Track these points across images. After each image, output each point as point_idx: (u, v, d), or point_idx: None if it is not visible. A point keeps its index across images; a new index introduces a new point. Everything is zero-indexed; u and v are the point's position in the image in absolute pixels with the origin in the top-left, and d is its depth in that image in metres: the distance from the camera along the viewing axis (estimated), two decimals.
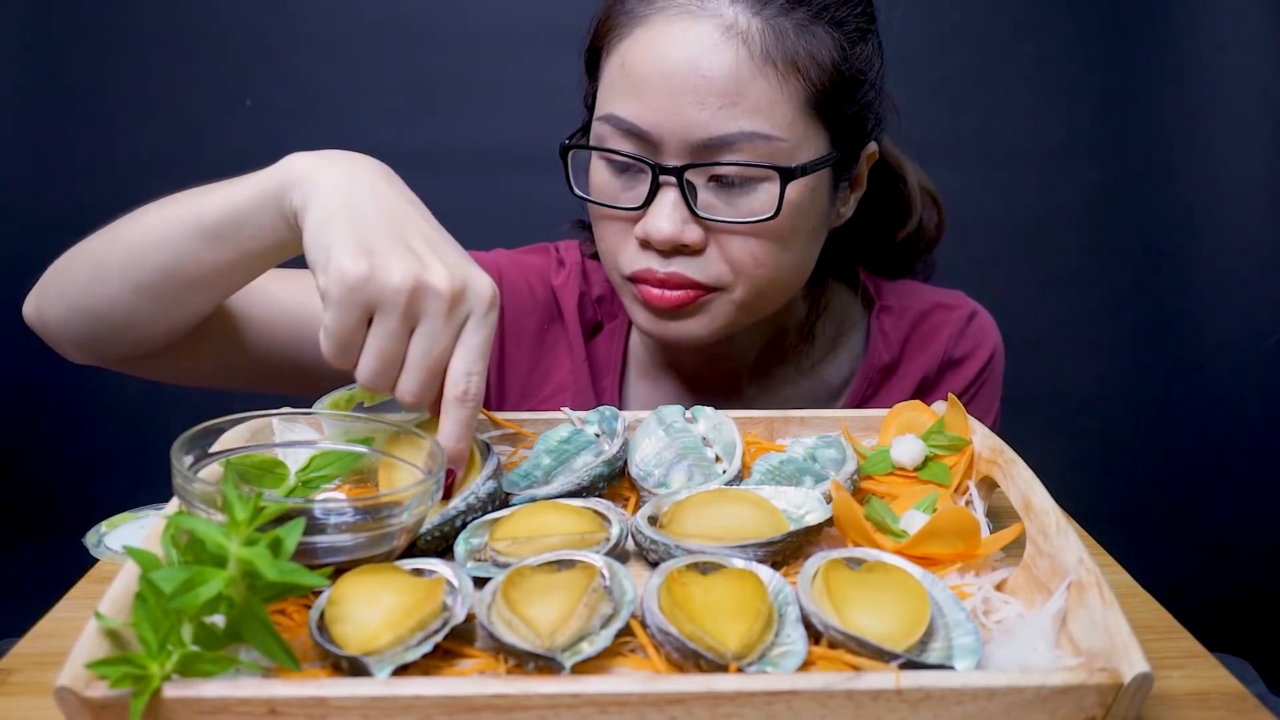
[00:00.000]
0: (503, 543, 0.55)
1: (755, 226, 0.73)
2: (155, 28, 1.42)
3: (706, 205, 0.73)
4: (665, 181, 0.73)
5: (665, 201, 0.73)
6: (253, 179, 0.63)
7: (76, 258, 0.73)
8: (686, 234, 0.73)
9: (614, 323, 0.91)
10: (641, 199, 0.74)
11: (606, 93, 0.75)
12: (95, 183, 1.45)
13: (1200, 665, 0.52)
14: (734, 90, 0.70)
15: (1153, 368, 1.55)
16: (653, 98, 0.71)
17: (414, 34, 1.44)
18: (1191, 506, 1.58)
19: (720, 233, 0.74)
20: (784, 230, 0.74)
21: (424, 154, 1.45)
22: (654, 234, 0.73)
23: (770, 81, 0.70)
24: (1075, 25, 1.47)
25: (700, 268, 0.74)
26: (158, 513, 0.65)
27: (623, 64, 0.73)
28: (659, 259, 0.75)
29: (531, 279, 0.91)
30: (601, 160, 0.76)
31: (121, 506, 0.74)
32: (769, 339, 0.90)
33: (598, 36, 0.77)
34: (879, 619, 0.47)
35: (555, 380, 0.89)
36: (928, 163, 0.95)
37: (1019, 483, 0.58)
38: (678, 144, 0.71)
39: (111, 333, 0.72)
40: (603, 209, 0.77)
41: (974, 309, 0.93)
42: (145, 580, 0.41)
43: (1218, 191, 1.51)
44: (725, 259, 0.74)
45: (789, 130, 0.71)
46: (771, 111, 0.71)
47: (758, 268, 0.75)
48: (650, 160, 0.72)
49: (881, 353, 0.90)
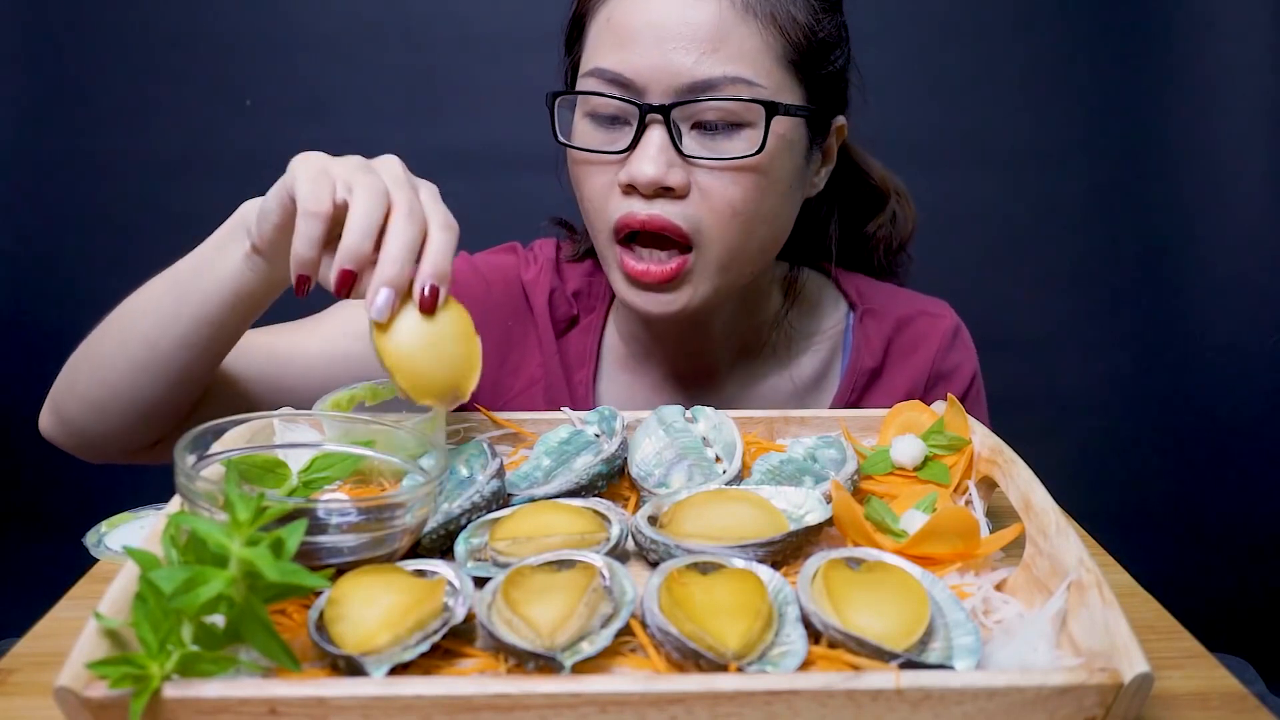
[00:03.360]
0: (503, 542, 0.55)
1: (738, 166, 0.74)
2: (155, 28, 1.42)
3: (691, 149, 0.75)
4: (650, 121, 0.74)
5: (650, 142, 0.74)
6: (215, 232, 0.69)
7: (78, 356, 0.77)
8: (670, 176, 0.74)
9: (590, 317, 0.92)
10: (626, 144, 0.75)
11: (591, 51, 0.77)
12: (95, 183, 1.45)
13: (1200, 665, 0.52)
14: (717, 37, 0.73)
15: (1153, 368, 1.55)
16: (638, 46, 0.73)
17: (414, 34, 1.44)
18: (1191, 506, 1.58)
19: (703, 177, 0.75)
20: (765, 173, 0.76)
21: (424, 154, 1.44)
22: (638, 175, 0.74)
23: (751, 29, 0.74)
24: (1074, 25, 1.47)
25: (681, 212, 0.75)
26: (158, 513, 0.65)
27: (608, 20, 0.76)
28: (642, 202, 0.75)
29: (491, 277, 0.91)
30: (586, 118, 0.78)
31: (121, 506, 0.74)
32: (746, 330, 0.90)
33: (581, 3, 0.79)
34: (879, 619, 0.47)
35: (526, 375, 0.90)
36: (925, 162, 0.96)
37: (1019, 482, 0.58)
38: (663, 89, 0.73)
39: (123, 421, 0.75)
40: (587, 159, 0.78)
41: (958, 322, 0.94)
42: (145, 580, 0.41)
43: (1217, 191, 1.50)
44: (706, 205, 0.75)
45: (768, 79, 0.74)
46: (753, 59, 0.74)
47: (735, 216, 0.76)
48: (638, 101, 0.74)
49: (865, 357, 0.91)
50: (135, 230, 1.38)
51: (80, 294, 1.34)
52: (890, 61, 0.83)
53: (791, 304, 0.90)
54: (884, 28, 0.80)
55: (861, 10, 0.82)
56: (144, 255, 0.74)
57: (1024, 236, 1.52)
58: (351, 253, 0.59)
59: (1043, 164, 1.50)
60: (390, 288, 0.58)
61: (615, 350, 0.92)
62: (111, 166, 1.44)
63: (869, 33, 0.82)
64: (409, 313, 0.60)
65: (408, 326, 0.59)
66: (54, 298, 1.45)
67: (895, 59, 1.37)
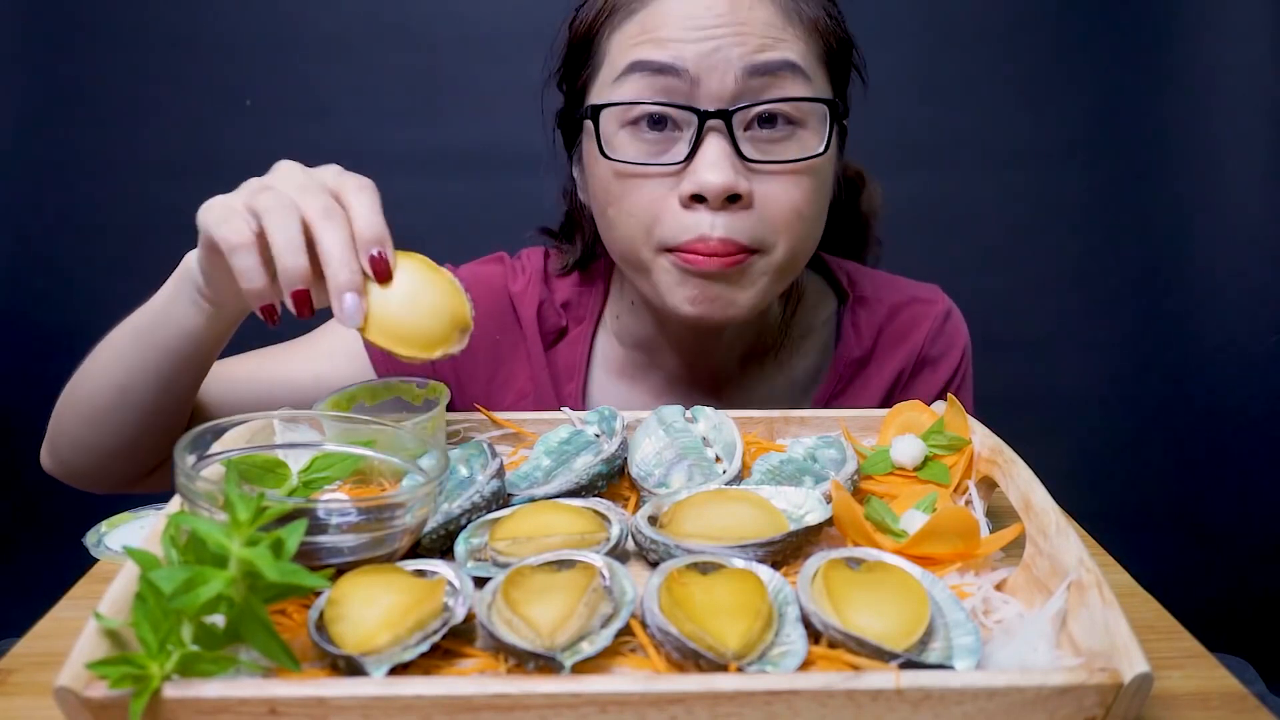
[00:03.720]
0: (503, 542, 0.55)
1: (799, 169, 0.72)
2: (155, 28, 1.42)
3: (751, 155, 0.72)
4: (710, 128, 0.70)
5: (713, 149, 0.70)
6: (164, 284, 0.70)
7: (63, 400, 0.79)
8: (740, 183, 0.70)
9: (579, 328, 0.90)
10: (681, 155, 0.71)
11: (622, 54, 0.73)
12: (95, 183, 1.45)
13: (1200, 665, 0.51)
14: (770, 33, 0.71)
15: (1153, 368, 1.55)
16: (685, 37, 0.70)
17: (414, 34, 1.44)
18: (1191, 506, 1.58)
19: (763, 183, 0.72)
20: (823, 174, 0.75)
21: (424, 154, 1.46)
22: (708, 185, 0.69)
23: (799, 30, 0.73)
24: (1074, 25, 1.47)
25: (747, 227, 0.72)
26: (158, 513, 0.65)
27: (642, 29, 0.72)
28: (708, 220, 0.71)
29: (477, 290, 0.88)
30: (624, 129, 0.73)
31: (121, 506, 0.74)
32: (754, 336, 0.89)
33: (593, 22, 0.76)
34: (879, 619, 0.47)
35: (516, 388, 0.88)
36: (925, 162, 0.96)
37: (1019, 482, 0.58)
38: (719, 82, 0.70)
39: (111, 458, 0.77)
40: (637, 170, 0.73)
41: (949, 306, 0.93)
42: (145, 580, 0.41)
43: (1217, 191, 1.51)
44: (769, 213, 0.72)
45: (816, 76, 0.74)
46: (804, 54, 0.73)
47: (799, 220, 0.73)
48: (696, 107, 0.70)
49: (853, 347, 0.89)
50: (135, 230, 1.38)
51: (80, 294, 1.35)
52: (889, 62, 0.83)
53: (796, 306, 0.89)
54: (882, 28, 0.80)
55: (861, 10, 0.82)
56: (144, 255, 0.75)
57: (1024, 236, 1.52)
58: (291, 274, 0.57)
59: (1042, 164, 1.50)
60: (349, 291, 0.57)
61: (610, 359, 0.90)
62: (111, 166, 1.44)
63: (868, 33, 0.82)
64: (372, 290, 0.59)
65: (379, 301, 0.58)
66: (54, 298, 1.45)
67: (894, 59, 1.37)
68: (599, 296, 0.91)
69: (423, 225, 1.38)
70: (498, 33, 1.43)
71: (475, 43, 1.43)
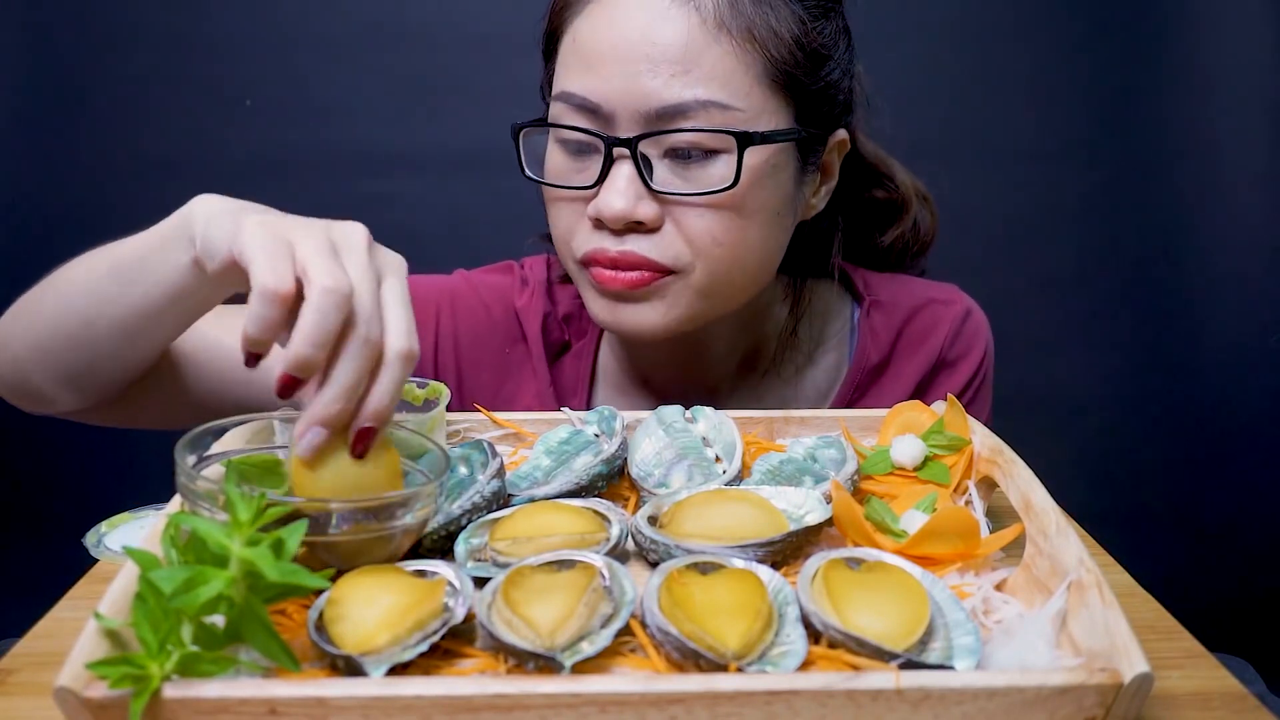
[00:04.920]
0: (503, 543, 0.55)
1: (714, 199, 0.71)
2: (155, 28, 1.42)
3: (663, 182, 0.71)
4: (618, 155, 0.71)
5: (619, 176, 0.71)
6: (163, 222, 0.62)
7: (14, 312, 0.73)
8: (640, 210, 0.70)
9: (582, 341, 0.89)
10: (594, 178, 0.72)
11: (561, 72, 0.74)
12: (95, 183, 1.45)
13: (1200, 665, 0.51)
14: (686, 58, 0.68)
15: (1153, 368, 1.55)
16: (604, 69, 0.70)
17: (413, 34, 1.44)
18: (1191, 506, 1.58)
19: (678, 208, 0.72)
20: (744, 204, 0.72)
21: (424, 154, 1.46)
22: (605, 210, 0.70)
23: (724, 49, 0.69)
24: (1074, 24, 1.47)
25: (656, 247, 0.72)
26: (158, 513, 0.65)
27: (574, 40, 0.73)
28: (612, 238, 0.72)
29: (489, 300, 0.89)
30: (556, 144, 0.75)
31: (121, 506, 0.74)
32: (749, 349, 0.88)
33: (554, 17, 0.76)
34: (879, 619, 0.47)
35: (521, 404, 0.87)
36: (925, 162, 0.95)
37: (1019, 483, 0.58)
38: (630, 115, 0.70)
39: (51, 386, 0.71)
40: (556, 190, 0.75)
41: (969, 306, 0.91)
42: (145, 580, 0.41)
43: (1218, 191, 1.50)
44: (683, 238, 0.72)
45: (745, 100, 0.70)
46: (727, 80, 0.69)
47: (716, 246, 0.72)
48: (603, 134, 0.71)
49: (871, 353, 0.88)
50: (135, 230, 1.38)
51: None
52: (890, 61, 0.83)
53: (798, 319, 0.87)
54: (883, 27, 0.81)
55: (862, 10, 0.82)
56: None
57: (1024, 236, 1.52)
58: (299, 363, 0.49)
59: (1042, 164, 1.50)
60: (324, 428, 0.50)
61: (611, 375, 0.90)
62: (112, 166, 1.44)
63: (869, 33, 0.82)
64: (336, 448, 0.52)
65: (330, 461, 0.52)
66: None
67: (895, 58, 1.37)
68: None
69: (423, 225, 1.39)
70: (497, 33, 1.43)
71: (475, 43, 1.43)
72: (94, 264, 0.67)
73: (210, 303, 0.64)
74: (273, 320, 0.50)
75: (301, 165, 1.41)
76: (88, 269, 0.67)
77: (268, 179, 1.39)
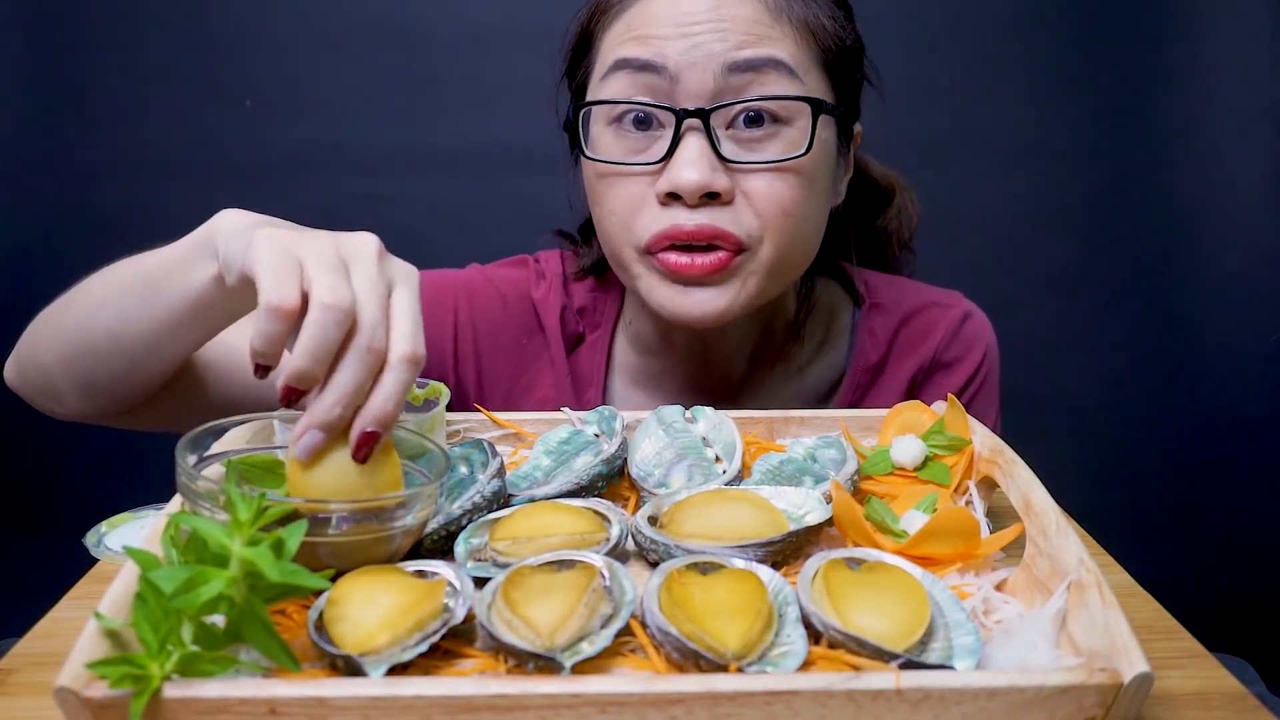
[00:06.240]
0: (503, 543, 0.55)
1: (785, 168, 0.72)
2: (155, 28, 1.42)
3: (731, 153, 0.72)
4: (687, 128, 0.71)
5: (689, 148, 0.70)
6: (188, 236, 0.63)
7: (43, 320, 0.74)
8: (717, 180, 0.70)
9: (596, 334, 0.90)
10: (661, 153, 0.72)
11: (609, 52, 0.74)
12: (95, 183, 1.45)
13: (1200, 665, 0.52)
14: (754, 31, 0.71)
15: (1153, 368, 1.55)
16: (668, 35, 0.71)
17: (413, 34, 1.44)
18: (1191, 506, 1.58)
19: (747, 180, 0.72)
20: (811, 174, 0.73)
21: (424, 154, 1.46)
22: (682, 183, 0.70)
23: (786, 30, 0.72)
24: (1074, 24, 1.47)
25: (731, 218, 0.72)
26: (158, 513, 0.65)
27: (629, 26, 0.73)
28: (686, 211, 0.71)
29: (506, 291, 0.89)
30: (609, 127, 0.74)
31: (121, 506, 0.74)
32: (759, 339, 0.88)
33: (590, 21, 0.77)
34: (879, 619, 0.47)
35: (538, 395, 0.88)
36: (926, 162, 0.96)
37: (1019, 483, 0.58)
38: (698, 79, 0.70)
39: (78, 396, 0.73)
40: (614, 172, 0.74)
41: (968, 310, 0.91)
42: (145, 580, 0.41)
43: (1218, 191, 1.51)
44: (753, 210, 0.72)
45: (807, 75, 0.73)
46: (793, 53, 0.72)
47: (784, 216, 0.73)
48: (671, 106, 0.71)
49: (869, 352, 0.89)
50: (135, 230, 1.36)
51: None
52: (890, 60, 0.83)
53: (809, 313, 0.88)
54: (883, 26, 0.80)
55: (864, 10, 0.82)
56: None
57: (1024, 237, 1.52)
58: (298, 375, 0.50)
59: (1042, 164, 1.50)
60: (321, 431, 0.51)
61: (626, 366, 0.91)
62: (112, 166, 1.44)
63: (870, 33, 0.82)
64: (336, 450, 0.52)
65: (329, 463, 0.52)
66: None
67: (895, 58, 1.37)
68: (614, 302, 0.91)
69: (423, 225, 1.39)
70: (497, 33, 1.43)
71: (475, 43, 1.43)
72: (119, 277, 0.68)
73: (234, 315, 0.65)
74: (276, 335, 0.51)
75: (301, 165, 1.41)
76: (113, 283, 0.69)
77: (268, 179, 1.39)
